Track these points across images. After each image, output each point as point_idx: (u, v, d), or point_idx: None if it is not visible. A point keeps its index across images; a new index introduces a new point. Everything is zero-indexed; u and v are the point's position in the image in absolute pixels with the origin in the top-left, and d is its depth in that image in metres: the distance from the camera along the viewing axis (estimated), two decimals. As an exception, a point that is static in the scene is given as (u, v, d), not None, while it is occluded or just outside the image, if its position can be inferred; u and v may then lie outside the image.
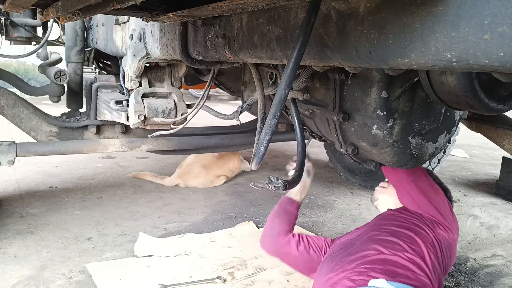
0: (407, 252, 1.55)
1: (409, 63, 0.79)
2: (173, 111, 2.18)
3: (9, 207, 3.04)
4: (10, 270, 2.22)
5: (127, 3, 0.94)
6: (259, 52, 1.21)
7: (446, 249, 1.71)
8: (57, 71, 2.90)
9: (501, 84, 1.40)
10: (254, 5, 0.98)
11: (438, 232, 1.72)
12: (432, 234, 1.70)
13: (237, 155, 3.99)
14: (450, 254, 1.73)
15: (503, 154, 3.68)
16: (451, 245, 1.74)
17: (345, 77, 1.61)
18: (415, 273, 1.48)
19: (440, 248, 1.67)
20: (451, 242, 1.75)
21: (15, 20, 3.54)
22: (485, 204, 3.49)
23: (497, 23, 0.63)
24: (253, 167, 0.98)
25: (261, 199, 3.48)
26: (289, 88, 0.93)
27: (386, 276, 1.43)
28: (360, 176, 3.88)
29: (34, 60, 5.77)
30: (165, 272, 2.26)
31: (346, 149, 1.79)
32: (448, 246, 1.72)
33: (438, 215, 1.77)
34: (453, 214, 1.84)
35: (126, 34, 2.25)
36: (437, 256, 1.63)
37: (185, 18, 1.31)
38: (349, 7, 0.89)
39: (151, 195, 3.48)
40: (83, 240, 2.60)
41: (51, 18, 1.37)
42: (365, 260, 1.54)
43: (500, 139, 2.51)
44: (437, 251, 1.65)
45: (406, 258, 1.53)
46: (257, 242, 2.04)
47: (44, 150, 2.61)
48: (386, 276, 1.43)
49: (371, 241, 1.64)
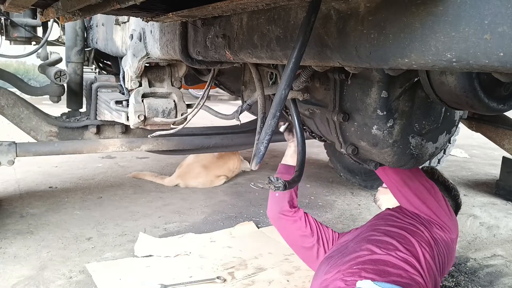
0: (400, 252, 1.55)
1: (409, 63, 0.79)
2: (173, 111, 2.18)
3: (9, 207, 3.04)
4: (10, 270, 2.22)
5: (127, 3, 0.94)
6: (259, 52, 1.21)
7: (444, 248, 1.70)
8: (57, 71, 2.90)
9: (501, 84, 1.40)
10: (254, 5, 0.98)
11: (434, 231, 1.72)
12: (428, 233, 1.69)
13: (237, 155, 3.99)
14: (448, 253, 1.72)
15: (503, 154, 3.68)
16: (449, 244, 1.74)
17: (345, 77, 1.61)
18: (407, 272, 1.48)
19: (436, 248, 1.67)
20: (448, 241, 1.74)
21: (15, 20, 3.54)
22: (485, 204, 3.50)
23: (497, 23, 0.63)
24: (253, 167, 0.98)
25: (261, 199, 3.47)
26: (289, 88, 0.93)
27: (377, 276, 1.43)
28: (360, 176, 3.88)
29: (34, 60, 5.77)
30: (165, 272, 2.26)
31: (346, 149, 1.79)
32: (446, 245, 1.72)
33: (432, 214, 1.77)
34: (451, 213, 1.83)
35: (126, 34, 2.25)
36: (433, 256, 1.62)
37: (185, 18, 1.31)
38: (349, 7, 0.89)
39: (151, 195, 3.48)
40: (83, 240, 2.60)
41: (51, 18, 1.37)
42: (358, 260, 1.54)
43: (500, 139, 2.51)
44: (433, 251, 1.64)
45: (399, 257, 1.53)
46: (257, 242, 2.05)
47: (44, 150, 2.61)
48: (377, 276, 1.43)
49: (365, 242, 1.65)
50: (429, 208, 1.79)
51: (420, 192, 1.82)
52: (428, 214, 1.78)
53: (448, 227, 1.76)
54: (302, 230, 1.93)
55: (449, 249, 1.74)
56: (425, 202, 1.80)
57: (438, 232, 1.73)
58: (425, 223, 1.75)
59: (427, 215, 1.78)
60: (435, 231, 1.72)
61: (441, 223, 1.76)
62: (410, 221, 1.74)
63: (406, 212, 1.82)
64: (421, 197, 1.81)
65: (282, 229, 2.01)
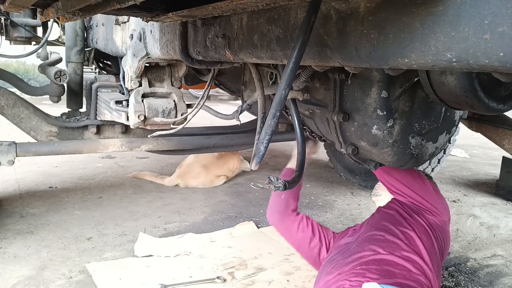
0: (403, 251, 1.57)
1: (409, 63, 0.79)
2: (173, 111, 2.18)
3: (9, 207, 3.04)
4: (10, 270, 2.22)
5: (127, 3, 0.94)
6: (259, 52, 1.21)
7: (439, 232, 1.75)
8: (57, 71, 2.90)
9: (501, 84, 1.40)
10: (254, 5, 0.98)
11: (427, 217, 1.78)
12: (424, 222, 1.74)
13: (237, 155, 3.99)
14: (443, 236, 1.77)
15: (503, 154, 3.68)
16: (442, 228, 1.79)
17: (345, 77, 1.61)
18: (411, 272, 1.49)
19: (434, 234, 1.72)
20: (442, 225, 1.80)
21: (15, 20, 3.54)
22: (485, 204, 3.50)
23: (497, 23, 0.63)
24: (253, 167, 0.98)
25: (261, 199, 3.47)
26: (289, 88, 0.93)
27: (381, 277, 1.43)
28: (360, 176, 3.88)
29: (34, 60, 5.77)
30: (165, 272, 2.26)
31: (346, 149, 1.79)
32: (440, 229, 1.77)
33: (423, 201, 1.83)
34: (440, 197, 1.90)
35: (126, 34, 2.25)
36: (432, 243, 1.67)
37: (185, 18, 1.31)
38: (349, 7, 0.89)
39: (151, 195, 3.48)
40: (83, 240, 2.60)
41: (51, 18, 1.37)
42: (362, 261, 1.55)
43: (500, 139, 2.51)
44: (431, 238, 1.69)
45: (402, 257, 1.54)
46: (257, 242, 2.05)
47: (44, 150, 2.61)
48: (382, 277, 1.44)
49: (367, 242, 1.66)
50: (417, 194, 1.85)
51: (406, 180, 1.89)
52: (417, 200, 1.83)
53: (438, 210, 1.82)
54: (305, 231, 1.95)
55: (444, 232, 1.79)
56: (413, 188, 1.86)
57: (430, 217, 1.78)
58: (416, 211, 1.80)
59: (417, 202, 1.83)
60: (427, 217, 1.78)
61: (431, 207, 1.82)
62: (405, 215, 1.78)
63: (398, 205, 1.86)
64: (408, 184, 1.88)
65: (285, 232, 2.01)
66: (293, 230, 1.97)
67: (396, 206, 1.85)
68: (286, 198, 2.00)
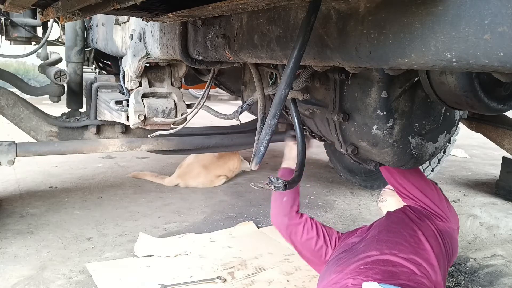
0: (409, 253, 1.57)
1: (409, 63, 0.79)
2: (173, 111, 2.18)
3: (9, 207, 3.04)
4: (10, 270, 2.22)
5: (127, 3, 0.94)
6: (259, 52, 1.21)
7: (448, 238, 1.75)
8: (57, 71, 2.90)
9: (501, 84, 1.40)
10: (254, 5, 0.98)
11: (437, 223, 1.77)
12: (434, 227, 1.74)
13: (237, 155, 3.99)
14: (452, 243, 1.77)
15: (503, 154, 3.68)
16: (451, 235, 1.79)
17: (345, 77, 1.61)
18: (415, 275, 1.49)
19: (442, 239, 1.72)
20: (450, 232, 1.80)
21: (15, 20, 3.54)
22: (485, 204, 3.50)
23: (497, 23, 0.63)
24: (253, 167, 0.98)
25: (261, 199, 3.47)
26: (289, 88, 0.93)
27: (384, 277, 1.43)
28: (360, 176, 3.88)
29: (34, 60, 5.77)
30: (165, 272, 2.26)
31: (346, 149, 1.79)
32: (449, 236, 1.77)
33: (433, 205, 1.83)
34: (449, 205, 1.90)
35: (126, 34, 2.25)
36: (440, 248, 1.67)
37: (185, 18, 1.31)
38: (349, 7, 0.89)
39: (151, 195, 3.48)
40: (83, 240, 2.60)
41: (51, 18, 1.37)
42: (367, 260, 1.56)
43: (500, 139, 2.51)
44: (439, 243, 1.69)
45: (408, 259, 1.54)
46: (257, 242, 2.05)
47: (44, 150, 2.61)
48: (384, 277, 1.44)
49: (375, 242, 1.67)
50: (429, 199, 1.85)
51: (419, 184, 1.89)
52: (429, 205, 1.83)
53: (447, 217, 1.82)
54: (309, 232, 1.94)
55: (452, 239, 1.79)
56: (425, 193, 1.86)
57: (439, 223, 1.78)
58: (427, 216, 1.80)
59: (428, 207, 1.83)
60: (437, 223, 1.78)
61: (441, 213, 1.82)
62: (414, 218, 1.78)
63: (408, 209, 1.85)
64: (421, 188, 1.87)
65: (290, 234, 2.00)
66: (298, 232, 1.95)
67: (406, 210, 1.85)
68: (288, 200, 1.99)
